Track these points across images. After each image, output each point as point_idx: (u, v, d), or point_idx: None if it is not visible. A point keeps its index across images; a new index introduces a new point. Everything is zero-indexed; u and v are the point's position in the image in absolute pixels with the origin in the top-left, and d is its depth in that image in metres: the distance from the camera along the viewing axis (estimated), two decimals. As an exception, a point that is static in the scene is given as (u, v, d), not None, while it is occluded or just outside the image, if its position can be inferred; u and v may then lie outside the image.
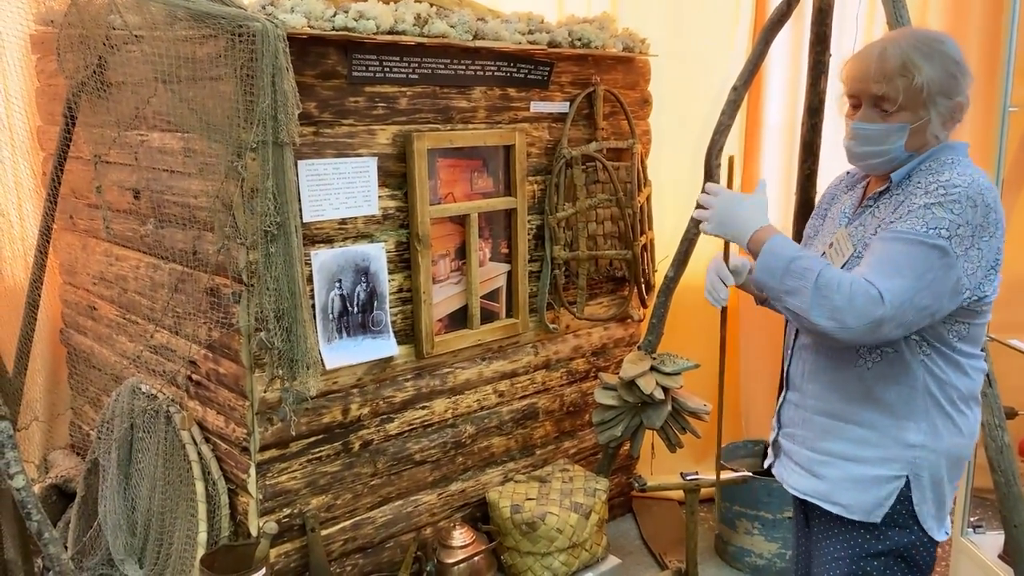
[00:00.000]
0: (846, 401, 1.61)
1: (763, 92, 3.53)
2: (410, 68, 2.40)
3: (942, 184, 1.47)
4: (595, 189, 2.94)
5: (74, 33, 2.45)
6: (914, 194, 1.52)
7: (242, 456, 2.31)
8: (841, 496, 1.62)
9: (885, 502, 1.58)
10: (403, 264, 2.52)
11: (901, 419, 1.57)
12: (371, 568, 2.60)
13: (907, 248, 1.44)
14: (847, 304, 1.41)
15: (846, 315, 1.41)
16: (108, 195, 2.72)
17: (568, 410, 3.11)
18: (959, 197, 1.44)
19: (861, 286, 1.41)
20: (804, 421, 1.70)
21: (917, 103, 1.52)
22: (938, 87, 1.51)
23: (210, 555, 2.24)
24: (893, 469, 1.57)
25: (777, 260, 1.50)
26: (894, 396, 1.57)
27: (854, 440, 1.61)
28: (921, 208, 1.46)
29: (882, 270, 1.44)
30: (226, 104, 2.03)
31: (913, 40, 1.54)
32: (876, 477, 1.58)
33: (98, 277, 2.91)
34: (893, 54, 1.53)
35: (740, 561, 3.00)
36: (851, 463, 1.61)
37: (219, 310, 2.25)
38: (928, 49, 1.52)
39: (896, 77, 1.51)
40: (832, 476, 1.63)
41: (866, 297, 1.40)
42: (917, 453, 1.57)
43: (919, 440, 1.56)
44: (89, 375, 3.05)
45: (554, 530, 2.63)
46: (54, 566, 2.05)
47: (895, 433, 1.58)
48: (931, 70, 1.50)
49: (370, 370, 2.48)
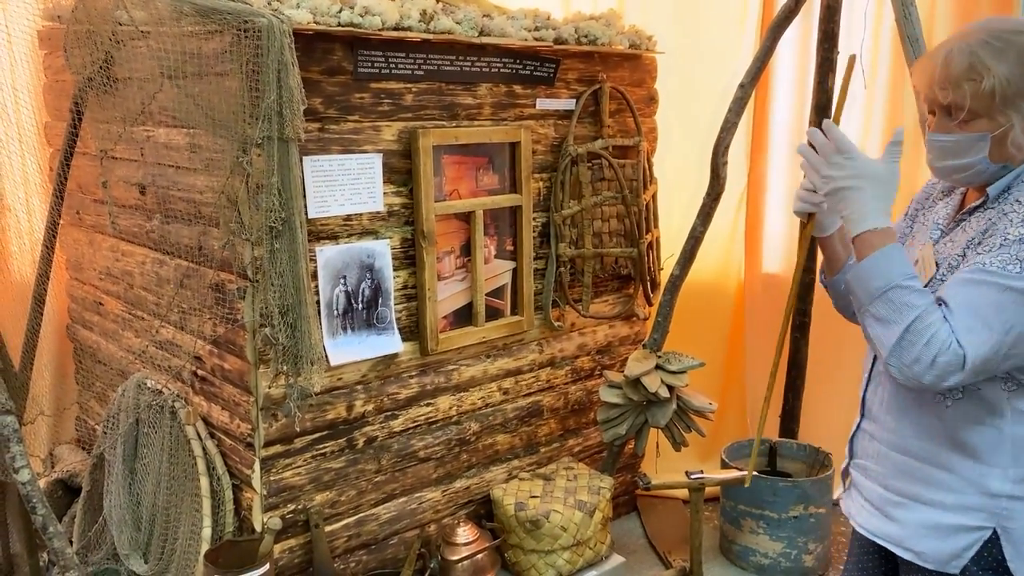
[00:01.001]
0: (926, 439, 1.45)
1: (771, 90, 3.51)
2: (416, 64, 2.40)
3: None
4: (601, 186, 2.93)
5: (81, 29, 2.46)
6: (1009, 216, 1.34)
7: (246, 452, 2.31)
8: (916, 543, 1.46)
9: (964, 553, 1.42)
10: (408, 261, 2.51)
11: (985, 464, 1.40)
12: (375, 565, 2.60)
13: (996, 296, 1.28)
14: (928, 363, 1.30)
15: (923, 371, 1.31)
16: (114, 191, 2.73)
17: (573, 408, 3.10)
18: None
19: (953, 349, 1.29)
20: (879, 455, 1.54)
21: (992, 109, 1.34)
22: (1016, 87, 1.32)
23: (214, 550, 2.24)
24: (976, 519, 1.41)
25: (880, 279, 1.35)
26: (977, 438, 1.40)
27: (933, 483, 1.45)
28: (1016, 242, 1.30)
29: (965, 321, 1.29)
30: (232, 100, 2.03)
31: (984, 35, 1.35)
32: (956, 526, 1.43)
33: (104, 272, 2.92)
34: (959, 55, 1.35)
35: (745, 560, 2.99)
36: (928, 507, 1.46)
37: (224, 306, 2.26)
38: (1002, 44, 1.33)
39: (963, 82, 1.34)
40: (906, 520, 1.48)
41: (951, 359, 1.29)
42: (1004, 504, 1.40)
43: (1007, 489, 1.39)
44: (95, 370, 3.07)
45: (558, 528, 2.63)
46: (59, 560, 2.06)
47: (978, 480, 1.41)
48: (1004, 68, 1.31)
49: (375, 367, 2.48)
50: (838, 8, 2.94)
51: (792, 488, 2.88)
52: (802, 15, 2.93)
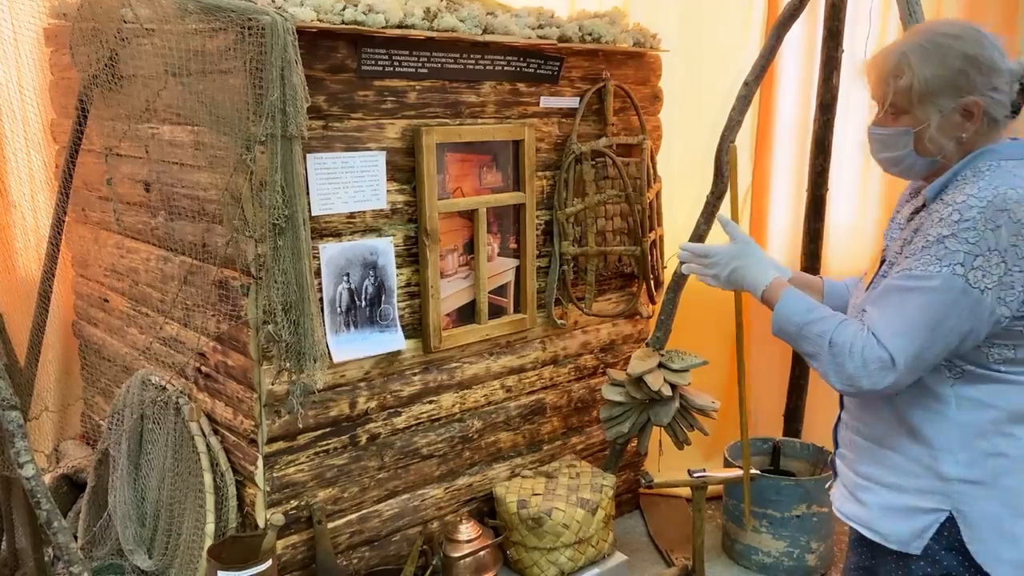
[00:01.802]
0: (883, 426, 1.53)
1: (775, 88, 3.50)
2: (419, 62, 2.40)
3: (957, 207, 1.36)
4: (604, 185, 2.93)
5: (87, 27, 2.47)
6: (933, 216, 1.41)
7: (250, 448, 2.32)
8: (880, 524, 1.53)
9: (923, 534, 1.47)
10: (411, 258, 2.52)
11: (935, 449, 1.46)
12: (377, 561, 2.61)
13: (920, 299, 1.37)
14: (860, 370, 1.39)
15: (861, 381, 1.40)
16: (119, 188, 2.74)
17: (576, 406, 3.10)
18: (973, 222, 1.33)
19: (873, 351, 1.38)
20: (851, 443, 1.62)
21: (911, 105, 1.44)
22: (935, 87, 1.40)
23: (217, 546, 2.25)
24: (931, 502, 1.46)
25: (788, 324, 1.51)
26: (926, 424, 1.46)
27: (892, 467, 1.52)
28: (935, 243, 1.37)
29: (895, 326, 1.38)
30: (235, 97, 2.03)
31: (919, 37, 1.45)
32: (913, 508, 1.48)
33: (110, 269, 2.93)
34: (892, 53, 1.46)
35: (747, 559, 2.99)
36: (888, 490, 1.52)
37: (228, 303, 2.27)
38: (931, 46, 1.42)
39: (889, 78, 1.45)
40: (871, 502, 1.55)
41: (878, 364, 1.38)
42: (957, 487, 1.44)
43: (957, 473, 1.44)
44: (100, 366, 3.08)
45: (560, 525, 2.63)
46: (63, 555, 2.07)
47: (931, 464, 1.46)
48: (926, 69, 1.40)
49: (378, 364, 2.49)
50: (843, 6, 2.93)
51: (795, 487, 2.88)
52: (807, 13, 2.93)
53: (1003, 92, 1.41)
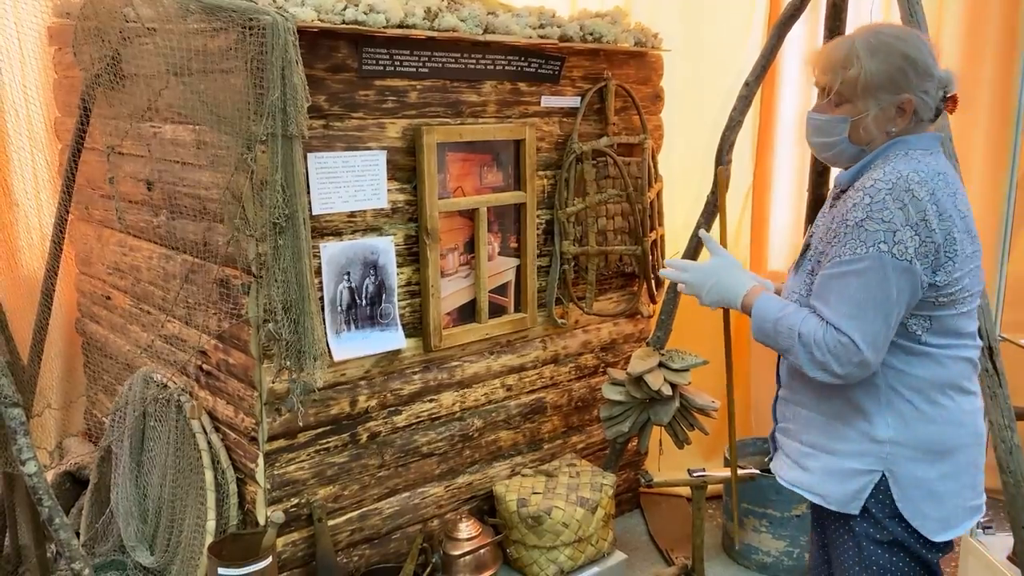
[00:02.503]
0: (820, 396, 1.65)
1: (776, 88, 3.50)
2: (420, 62, 2.41)
3: (868, 191, 1.50)
4: (605, 184, 2.93)
5: (90, 26, 2.48)
6: (847, 202, 1.54)
7: (250, 446, 2.33)
8: (821, 487, 1.65)
9: (859, 495, 1.59)
10: (412, 257, 2.53)
11: (867, 413, 1.59)
12: (377, 559, 2.62)
13: (856, 280, 1.49)
14: (829, 357, 1.51)
15: (832, 365, 1.51)
16: (122, 186, 2.75)
17: (576, 405, 3.11)
18: (883, 203, 1.47)
19: (833, 338, 1.50)
20: (794, 416, 1.73)
21: (855, 95, 1.55)
22: (878, 81, 1.53)
23: (218, 543, 2.27)
24: (865, 463, 1.59)
25: (765, 322, 1.62)
26: (857, 390, 1.58)
27: (833, 434, 1.64)
28: (854, 227, 1.49)
29: (843, 311, 1.50)
30: (236, 96, 2.04)
31: (868, 34, 1.56)
32: (851, 470, 1.61)
33: (113, 267, 2.95)
34: (842, 45, 1.57)
35: (747, 558, 3.00)
36: (829, 456, 1.64)
37: (229, 301, 2.28)
38: (877, 43, 1.54)
39: (838, 68, 1.56)
40: (815, 467, 1.67)
41: (840, 347, 1.50)
42: (887, 449, 1.58)
43: (887, 435, 1.58)
44: (103, 364, 3.09)
45: (560, 524, 2.64)
46: (65, 551, 2.08)
47: (863, 427, 1.59)
48: (872, 64, 1.52)
49: (378, 362, 2.50)
50: (844, 6, 2.92)
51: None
52: (808, 13, 2.92)
53: (931, 96, 1.55)
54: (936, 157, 1.57)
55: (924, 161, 1.53)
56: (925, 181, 1.48)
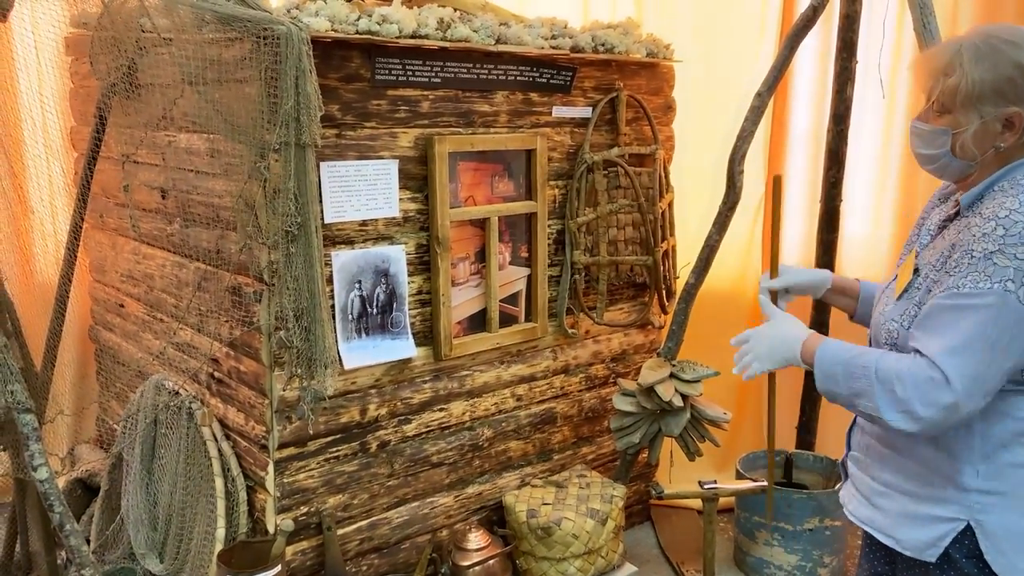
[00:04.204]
0: (905, 434, 1.47)
1: (789, 99, 3.50)
2: (432, 72, 2.42)
3: (1001, 222, 1.33)
4: (616, 194, 2.93)
5: (106, 36, 2.50)
6: (972, 230, 1.38)
7: (261, 453, 2.33)
8: (895, 530, 1.52)
9: (939, 543, 1.45)
10: (423, 266, 2.53)
11: (956, 459, 1.44)
12: (386, 568, 2.61)
13: (973, 316, 1.32)
14: (912, 394, 1.34)
15: (915, 405, 1.34)
16: (136, 194, 2.77)
17: (586, 416, 3.10)
18: (1020, 237, 1.31)
19: (923, 372, 1.34)
20: (868, 447, 1.61)
21: (955, 106, 1.40)
22: (981, 91, 1.37)
23: (227, 551, 2.26)
24: (949, 511, 1.45)
25: (833, 366, 1.46)
26: (949, 434, 1.43)
27: (910, 474, 1.51)
28: (982, 259, 1.33)
29: (945, 344, 1.33)
30: (251, 106, 2.06)
31: (979, 37, 1.40)
32: (930, 516, 1.47)
33: (126, 275, 2.96)
34: (947, 49, 1.42)
35: (759, 572, 2.97)
36: (905, 497, 1.51)
37: (241, 309, 2.29)
38: (987, 48, 1.37)
39: (939, 74, 1.41)
40: (888, 508, 1.54)
41: (930, 384, 1.33)
42: (975, 498, 1.43)
43: (976, 484, 1.43)
44: (115, 371, 3.11)
45: (570, 535, 2.62)
46: (75, 558, 2.09)
47: (950, 473, 1.45)
48: (977, 72, 1.36)
49: (388, 371, 2.50)
50: (857, 17, 2.93)
51: (808, 500, 2.85)
52: (821, 24, 2.92)
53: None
54: None
55: None
56: None
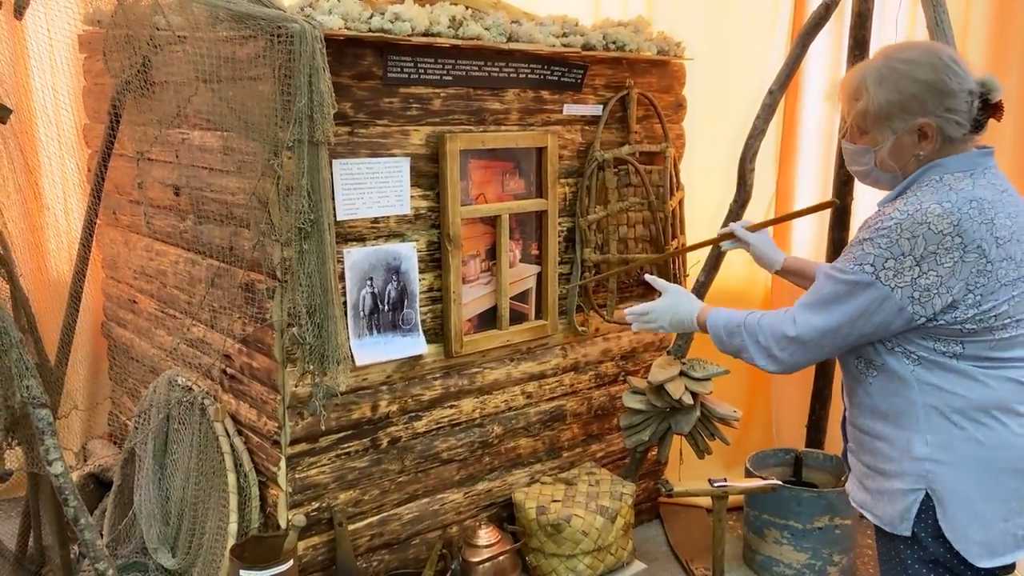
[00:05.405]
0: (866, 415, 1.63)
1: (800, 97, 3.49)
2: (444, 70, 2.43)
3: (882, 217, 1.50)
4: (627, 192, 2.93)
5: (120, 33, 2.52)
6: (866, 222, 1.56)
7: (273, 449, 2.35)
8: (876, 508, 1.63)
9: (907, 515, 1.56)
10: (434, 264, 2.54)
11: (907, 431, 1.56)
12: (397, 564, 2.62)
13: (834, 287, 1.53)
14: (771, 340, 1.60)
15: (773, 348, 1.60)
16: (150, 191, 2.79)
17: (596, 413, 3.10)
18: (891, 230, 1.46)
19: (780, 318, 1.59)
20: (852, 435, 1.72)
21: (868, 127, 1.56)
22: (887, 111, 1.51)
23: (239, 545, 2.28)
24: (907, 482, 1.56)
25: (718, 329, 1.72)
26: (896, 408, 1.57)
27: (879, 453, 1.62)
28: (856, 244, 1.52)
29: (805, 300, 1.59)
30: (264, 103, 2.07)
31: (878, 62, 1.55)
32: (897, 490, 1.58)
33: (139, 271, 2.98)
34: (854, 77, 1.57)
35: (768, 571, 2.97)
36: (879, 475, 1.62)
37: (254, 305, 2.30)
38: (887, 71, 1.51)
39: (851, 100, 1.57)
40: (871, 488, 1.65)
41: (781, 323, 1.58)
42: (928, 467, 1.53)
43: (926, 453, 1.53)
44: (128, 367, 3.13)
45: (579, 532, 2.63)
46: (89, 552, 2.10)
47: (904, 445, 1.56)
48: (880, 94, 1.51)
49: (399, 368, 2.51)
50: (869, 15, 2.91)
51: (817, 498, 2.85)
52: (833, 22, 2.91)
53: (959, 111, 1.49)
54: (975, 180, 1.49)
55: (957, 188, 1.48)
56: (949, 212, 1.43)
